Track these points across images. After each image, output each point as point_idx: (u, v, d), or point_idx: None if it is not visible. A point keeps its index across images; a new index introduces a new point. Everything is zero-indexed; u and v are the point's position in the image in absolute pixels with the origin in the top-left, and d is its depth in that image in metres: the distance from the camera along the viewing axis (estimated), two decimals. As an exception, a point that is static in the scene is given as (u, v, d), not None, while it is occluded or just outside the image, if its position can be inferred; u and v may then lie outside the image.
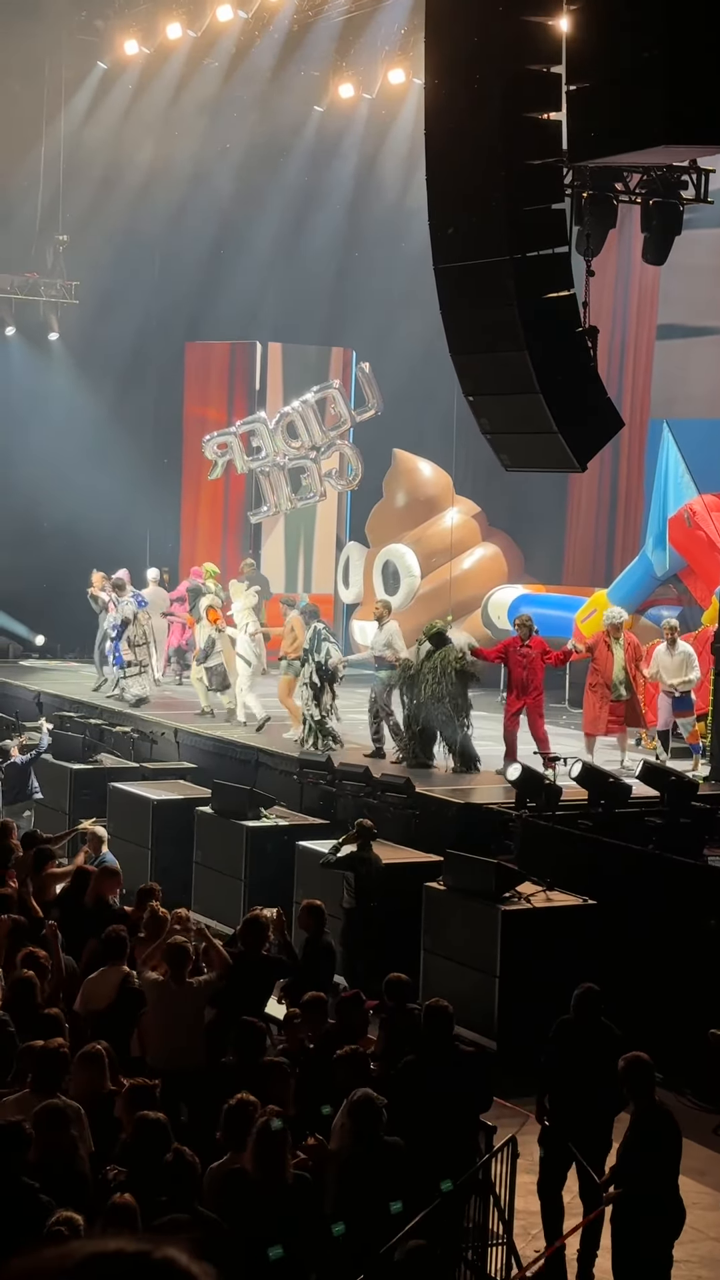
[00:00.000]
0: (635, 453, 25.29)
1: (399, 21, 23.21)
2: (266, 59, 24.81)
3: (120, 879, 12.51)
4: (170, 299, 27.60)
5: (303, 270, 27.25)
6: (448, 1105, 8.68)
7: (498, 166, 13.31)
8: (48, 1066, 8.01)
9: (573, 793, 15.21)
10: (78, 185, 27.34)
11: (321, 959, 11.64)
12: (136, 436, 27.48)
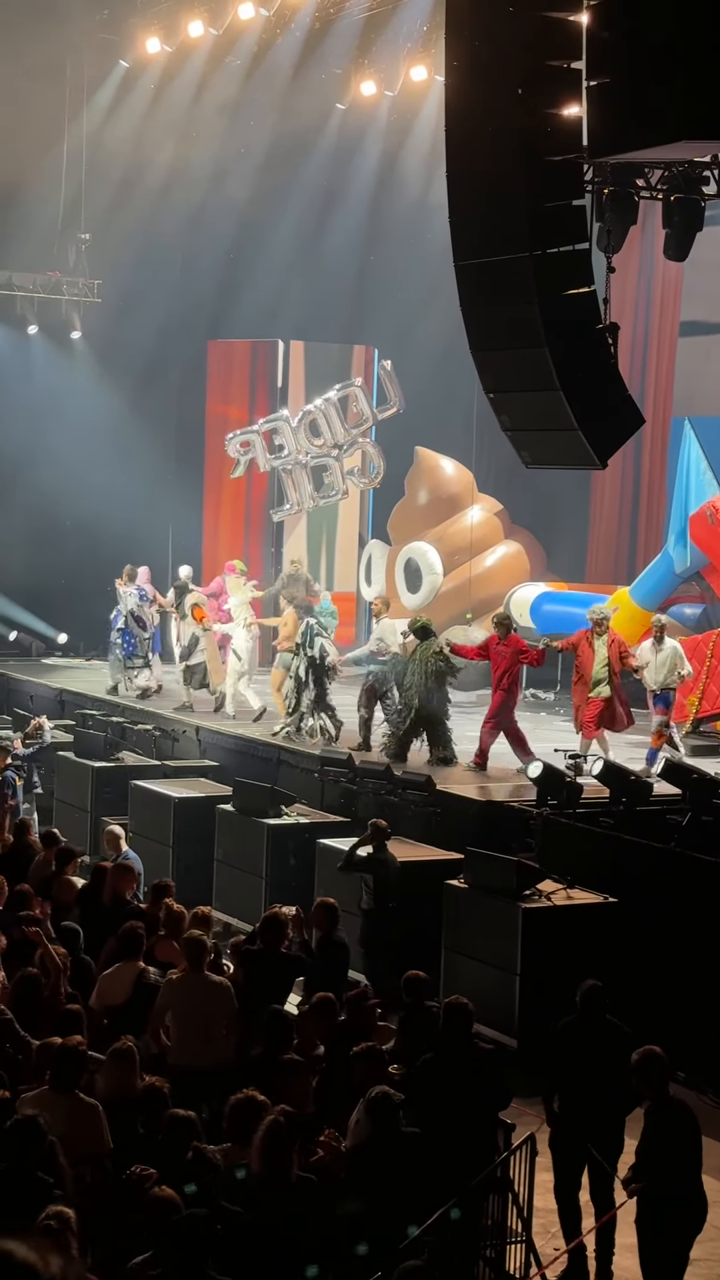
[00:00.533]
0: (657, 450, 25.27)
1: (421, 18, 23.20)
2: (288, 56, 24.82)
3: (135, 875, 12.52)
4: (192, 297, 27.65)
5: (324, 268, 27.27)
6: (467, 1103, 8.66)
7: (518, 163, 13.29)
8: (66, 1064, 8.02)
9: (594, 790, 15.19)
10: (100, 184, 27.38)
11: (335, 956, 11.63)
12: (158, 435, 27.52)
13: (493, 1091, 9.06)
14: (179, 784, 18.05)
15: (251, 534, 27.39)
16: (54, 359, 28.01)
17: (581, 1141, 9.25)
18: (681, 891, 13.38)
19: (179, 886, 14.01)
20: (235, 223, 27.33)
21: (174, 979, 10.05)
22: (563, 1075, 9.53)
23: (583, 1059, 9.38)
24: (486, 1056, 9.44)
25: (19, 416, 27.11)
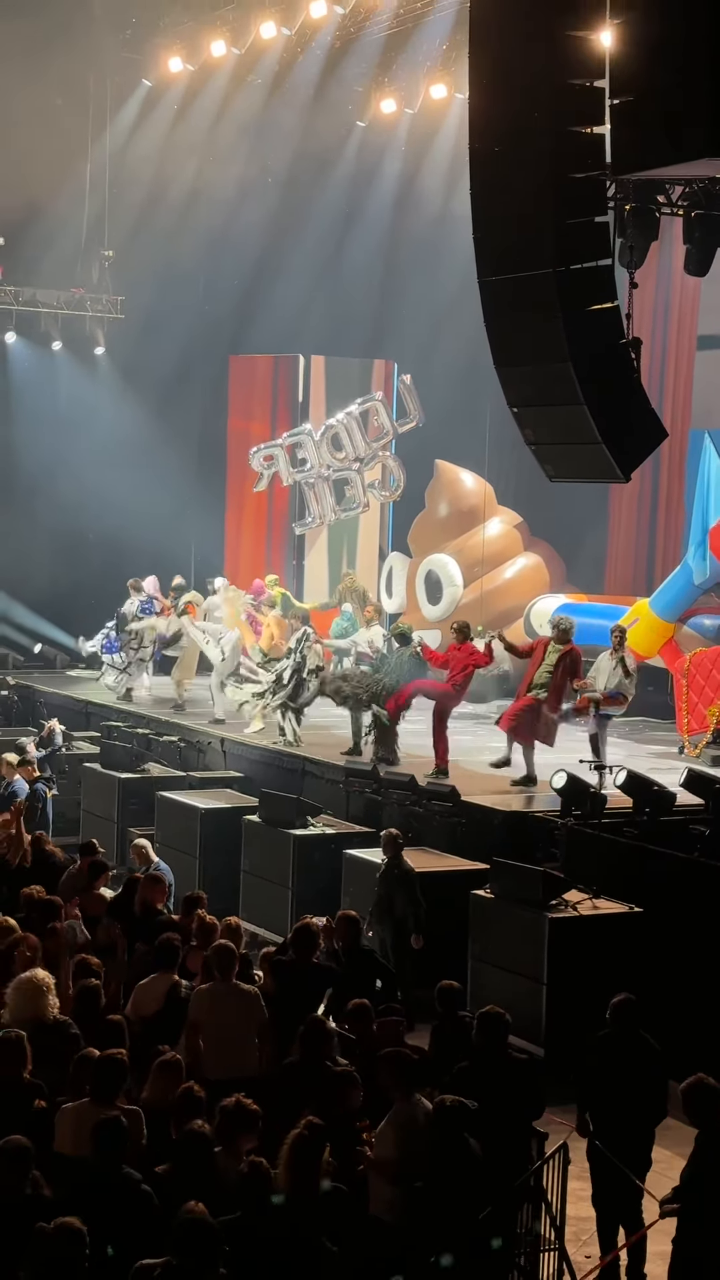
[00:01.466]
0: (676, 462, 25.24)
1: (440, 37, 23.23)
2: (309, 75, 24.86)
3: (166, 887, 12.51)
4: (214, 313, 27.71)
5: (345, 284, 27.32)
6: (501, 1112, 8.66)
7: (542, 180, 13.30)
8: (108, 1075, 8.02)
9: (618, 801, 15.18)
10: (123, 201, 27.48)
11: (362, 965, 11.63)
12: (181, 449, 27.56)
13: (527, 1100, 9.06)
14: (205, 795, 18.09)
15: (273, 546, 27.44)
16: (78, 375, 28.08)
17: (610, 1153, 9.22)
18: (706, 901, 13.36)
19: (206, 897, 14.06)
20: (257, 239, 27.37)
21: (203, 990, 10.05)
22: (593, 1088, 9.49)
23: (612, 1072, 9.36)
24: (520, 1066, 9.43)
25: (44, 431, 27.20)
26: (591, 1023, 9.88)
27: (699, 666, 20.34)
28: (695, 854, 14.05)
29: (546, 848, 14.84)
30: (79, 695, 23.92)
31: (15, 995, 9.35)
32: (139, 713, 22.23)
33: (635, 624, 21.99)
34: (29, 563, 26.31)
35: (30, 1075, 8.47)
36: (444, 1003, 10.10)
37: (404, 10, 22.65)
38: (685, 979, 12.77)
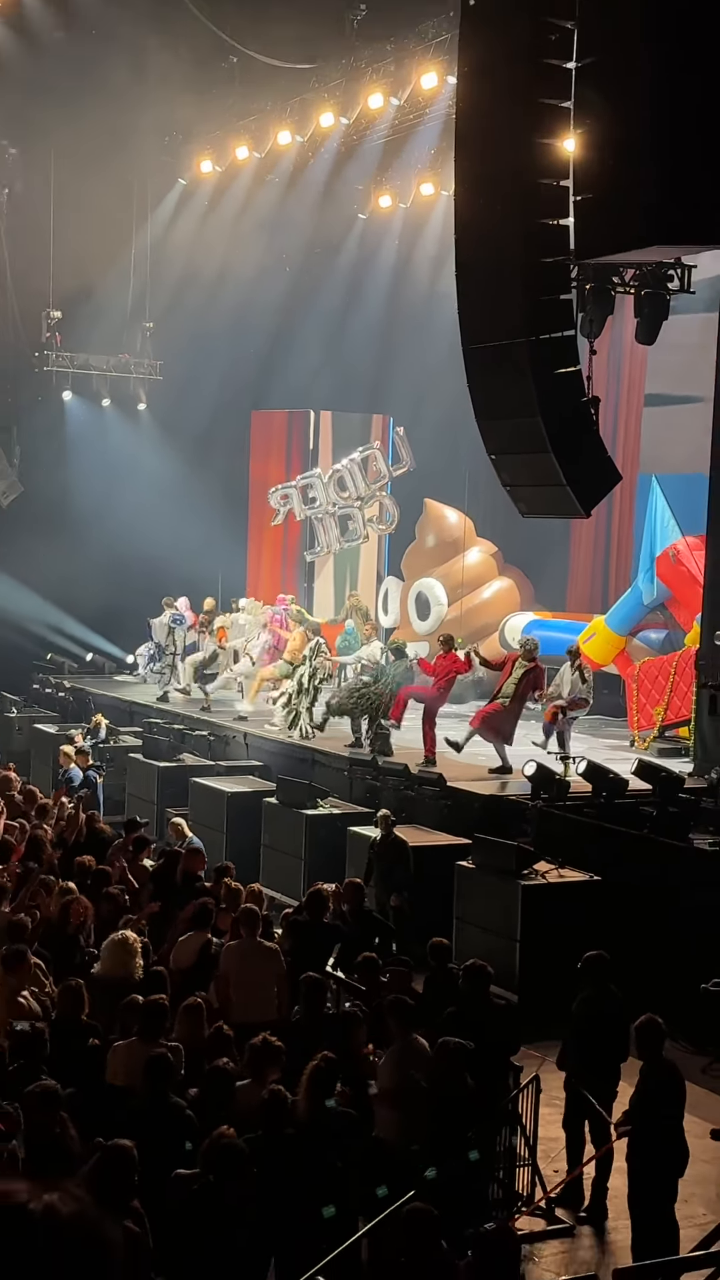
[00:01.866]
0: (627, 501, 25.23)
1: (430, 143, 23.24)
2: (319, 175, 24.86)
3: (204, 858, 12.51)
4: (238, 375, 27.71)
5: (348, 350, 27.30)
6: (484, 1049, 8.64)
7: (516, 263, 13.34)
8: (152, 1017, 8.02)
9: (579, 786, 15.18)
10: (162, 281, 27.51)
11: (366, 925, 11.62)
12: (210, 489, 27.55)
13: (505, 1039, 9.06)
14: (231, 781, 18.07)
15: (288, 572, 27.41)
16: (124, 427, 28.10)
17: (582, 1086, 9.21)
18: (654, 870, 13.37)
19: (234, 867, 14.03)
20: (274, 313, 27.39)
21: (232, 946, 10.04)
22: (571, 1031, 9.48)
23: (584, 1017, 9.35)
24: (499, 1010, 9.42)
25: (95, 475, 27.20)
26: (558, 974, 9.87)
27: (647, 673, 20.34)
28: (645, 831, 14.07)
29: (519, 825, 14.84)
30: (124, 696, 23.89)
31: (108, 951, 9.38)
32: (174, 711, 22.21)
33: (592, 638, 22.00)
34: (81, 584, 26.28)
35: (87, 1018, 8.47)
36: (435, 956, 10.11)
37: (399, 121, 22.66)
38: (637, 936, 12.75)
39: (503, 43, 13.36)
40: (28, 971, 9.06)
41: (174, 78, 22.92)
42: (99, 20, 21.13)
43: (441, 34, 19.49)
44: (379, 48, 21.22)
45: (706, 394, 18.17)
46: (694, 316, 19.25)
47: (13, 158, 26.39)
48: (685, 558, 20.56)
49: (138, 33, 21.60)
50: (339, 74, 21.93)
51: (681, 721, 19.24)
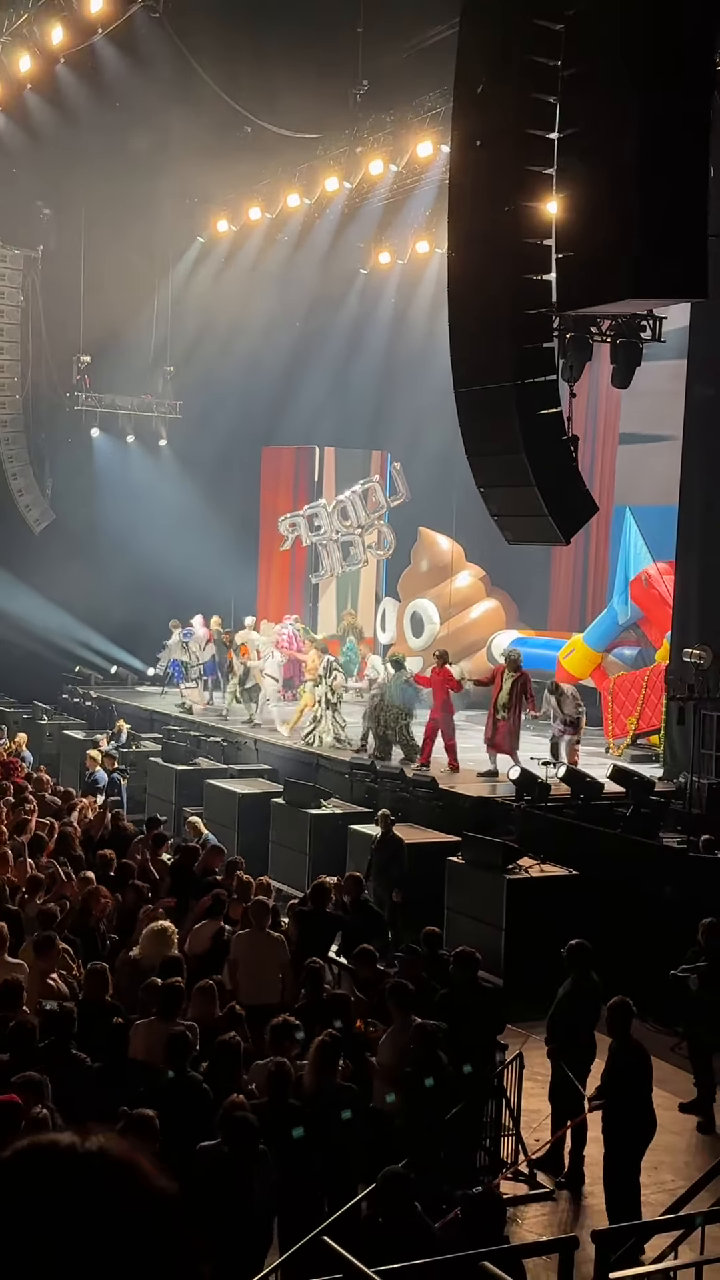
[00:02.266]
0: (604, 530, 25.22)
1: (425, 206, 23.30)
2: (325, 233, 24.92)
3: (224, 855, 12.44)
4: (251, 414, 27.72)
5: (350, 392, 27.35)
6: (472, 1028, 8.62)
7: (503, 315, 13.34)
8: (170, 998, 8.00)
9: (559, 789, 15.15)
10: (182, 328, 27.58)
11: (365, 915, 11.59)
12: (224, 518, 27.56)
13: (492, 1019, 9.03)
14: (242, 783, 18.02)
15: (294, 593, 27.42)
16: (147, 461, 28.13)
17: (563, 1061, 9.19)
18: (626, 866, 13.34)
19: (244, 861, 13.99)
20: (283, 357, 27.42)
21: (242, 934, 10.02)
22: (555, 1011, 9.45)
23: (567, 999, 9.33)
24: (487, 993, 9.39)
25: (120, 504, 27.22)
26: (540, 960, 9.85)
27: (621, 686, 20.33)
28: (618, 830, 14.04)
29: (505, 825, 14.83)
30: (145, 706, 23.87)
31: (147, 938, 9.37)
32: (191, 719, 22.18)
33: (572, 654, 22.01)
34: (107, 603, 26.30)
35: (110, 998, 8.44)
36: (428, 944, 10.08)
37: (397, 185, 22.73)
38: (611, 926, 12.72)
39: (492, 115, 13.37)
40: (57, 956, 9.05)
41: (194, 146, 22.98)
42: (126, 93, 21.20)
43: (436, 107, 19.56)
44: (380, 119, 21.30)
45: (676, 434, 18.23)
46: (665, 363, 19.25)
47: (47, 218, 26.48)
48: (656, 581, 20.56)
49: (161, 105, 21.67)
50: (343, 143, 22.00)
51: (652, 731, 19.23)
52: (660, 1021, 11.77)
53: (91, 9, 16.90)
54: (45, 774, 17.16)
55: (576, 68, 12.41)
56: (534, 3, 13.13)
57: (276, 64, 21.31)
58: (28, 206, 26.27)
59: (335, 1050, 7.39)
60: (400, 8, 20.32)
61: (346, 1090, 7.43)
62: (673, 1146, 9.44)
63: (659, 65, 11.70)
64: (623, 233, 11.92)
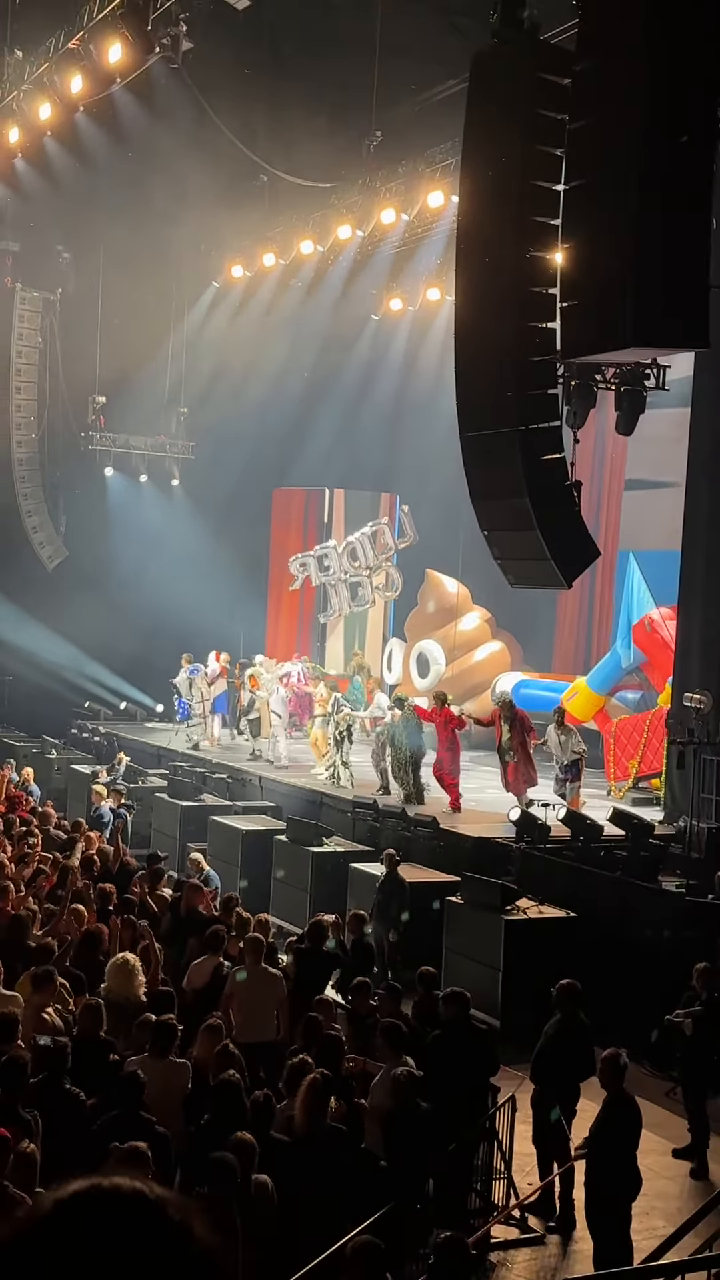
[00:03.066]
0: (608, 574, 25.24)
1: (435, 254, 23.43)
2: (337, 280, 25.05)
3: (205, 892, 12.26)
4: (262, 456, 27.82)
5: (360, 436, 27.42)
6: (465, 1069, 8.52)
7: (508, 361, 13.37)
8: (163, 1034, 7.92)
9: (559, 831, 15.06)
10: (196, 371, 27.75)
11: (363, 954, 11.50)
12: (234, 557, 27.61)
13: (485, 1061, 8.92)
14: (246, 819, 17.96)
15: (303, 632, 27.43)
16: (159, 501, 28.22)
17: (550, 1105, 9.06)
18: (625, 909, 13.23)
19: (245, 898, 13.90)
20: (295, 401, 27.53)
21: (239, 970, 9.93)
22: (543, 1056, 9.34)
23: (553, 1039, 9.22)
24: (480, 1033, 9.28)
25: (133, 542, 27.30)
26: (537, 1001, 9.73)
27: (623, 729, 20.27)
28: (617, 873, 13.93)
29: (504, 866, 14.72)
30: (153, 742, 23.83)
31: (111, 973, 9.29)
32: (197, 755, 22.13)
33: (575, 696, 21.93)
34: (118, 640, 26.32)
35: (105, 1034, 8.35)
36: (423, 984, 9.97)
37: (408, 234, 22.86)
38: (609, 969, 12.62)
39: (499, 168, 13.46)
40: (54, 991, 8.97)
41: (210, 193, 23.21)
42: (144, 141, 21.42)
43: (447, 159, 19.71)
44: (392, 170, 21.46)
45: (679, 480, 18.23)
46: (669, 411, 19.30)
47: (66, 261, 26.70)
48: (659, 626, 20.53)
49: (178, 153, 21.89)
50: (356, 192, 22.16)
51: (653, 774, 19.13)
52: (656, 1066, 11.64)
53: (111, 59, 17.06)
54: (51, 808, 17.10)
55: (582, 121, 12.49)
56: (542, 59, 13.26)
57: (292, 115, 21.55)
58: (48, 250, 26.50)
59: (326, 1090, 7.30)
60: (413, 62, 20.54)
61: (337, 1131, 7.34)
62: (665, 1192, 9.31)
63: (662, 118, 11.76)
64: (625, 282, 11.93)
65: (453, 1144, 7.90)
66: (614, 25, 12.23)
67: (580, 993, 9.34)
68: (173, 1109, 7.59)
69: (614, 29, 12.21)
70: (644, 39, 11.86)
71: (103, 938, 10.28)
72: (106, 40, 16.97)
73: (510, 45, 13.36)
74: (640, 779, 19.56)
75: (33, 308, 26.90)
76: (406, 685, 24.84)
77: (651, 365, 15.51)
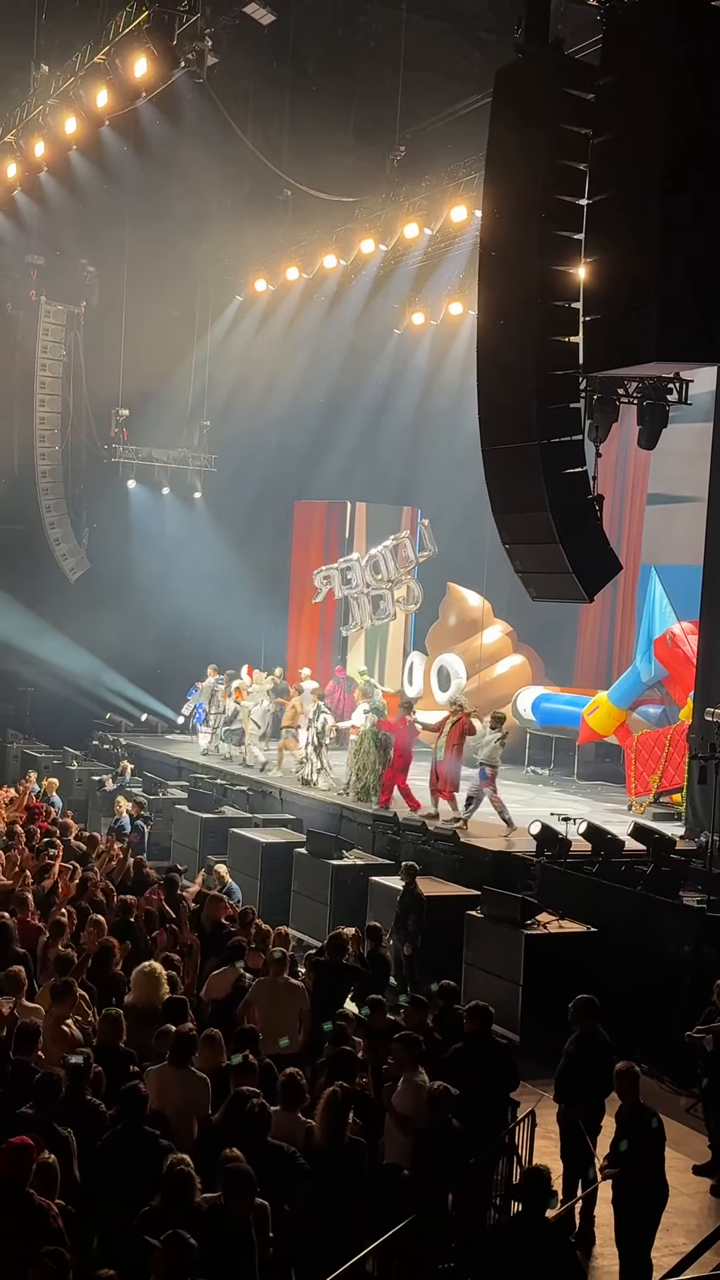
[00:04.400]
0: (629, 589, 25.21)
1: (458, 269, 23.46)
2: (360, 294, 25.09)
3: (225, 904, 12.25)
4: (283, 470, 27.90)
5: (382, 449, 27.47)
6: (486, 1083, 8.49)
7: (530, 375, 13.37)
8: (183, 1045, 7.92)
9: (580, 845, 15.02)
10: (217, 385, 27.80)
11: (379, 966, 11.47)
12: (256, 569, 27.69)
13: (506, 1076, 8.89)
14: (266, 832, 17.96)
15: (324, 645, 27.43)
16: (181, 514, 28.29)
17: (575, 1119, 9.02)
18: (646, 924, 13.19)
19: (265, 911, 13.93)
20: (317, 415, 27.59)
21: (261, 982, 9.93)
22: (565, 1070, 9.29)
23: (574, 1055, 9.19)
24: (501, 1049, 9.26)
25: (155, 556, 27.39)
26: (557, 1016, 9.70)
27: (644, 744, 20.21)
28: (638, 888, 13.88)
29: (524, 880, 14.69)
30: (173, 754, 23.87)
31: (136, 982, 9.29)
32: (217, 767, 22.16)
33: (596, 710, 21.91)
34: (139, 652, 26.39)
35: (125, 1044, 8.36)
36: (444, 997, 9.95)
37: (431, 249, 22.92)
38: (629, 984, 12.58)
39: (522, 182, 13.49)
40: (74, 1003, 8.98)
41: (234, 207, 23.35)
42: (169, 155, 21.53)
43: (470, 174, 19.76)
44: (415, 184, 21.52)
45: (701, 495, 18.19)
46: (691, 426, 19.31)
47: (90, 275, 26.83)
48: (681, 641, 20.49)
49: (203, 167, 22.01)
50: (379, 207, 22.23)
51: (675, 789, 19.06)
52: (677, 1083, 11.60)
53: (136, 73, 17.16)
54: (71, 819, 17.14)
55: (606, 136, 12.52)
56: (567, 74, 13.29)
57: (315, 129, 21.65)
58: (72, 264, 26.64)
59: (345, 1104, 7.29)
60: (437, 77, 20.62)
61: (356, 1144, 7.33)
62: (685, 1209, 9.26)
63: (686, 133, 11.79)
64: (648, 297, 11.96)
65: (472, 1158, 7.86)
66: (638, 40, 12.27)
67: (597, 1007, 9.30)
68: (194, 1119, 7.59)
69: (638, 43, 12.25)
70: (668, 53, 11.89)
71: (115, 951, 10.28)
72: (132, 55, 17.07)
73: (534, 60, 13.40)
74: (661, 794, 19.50)
75: (57, 321, 27.03)
76: (427, 699, 24.83)
77: (674, 379, 15.54)
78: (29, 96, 19.99)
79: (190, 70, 17.10)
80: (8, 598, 26.08)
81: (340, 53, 21.88)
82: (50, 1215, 6.09)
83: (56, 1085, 7.14)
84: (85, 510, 28.15)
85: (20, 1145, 6.23)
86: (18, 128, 20.52)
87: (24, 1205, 6.07)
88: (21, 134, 20.52)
